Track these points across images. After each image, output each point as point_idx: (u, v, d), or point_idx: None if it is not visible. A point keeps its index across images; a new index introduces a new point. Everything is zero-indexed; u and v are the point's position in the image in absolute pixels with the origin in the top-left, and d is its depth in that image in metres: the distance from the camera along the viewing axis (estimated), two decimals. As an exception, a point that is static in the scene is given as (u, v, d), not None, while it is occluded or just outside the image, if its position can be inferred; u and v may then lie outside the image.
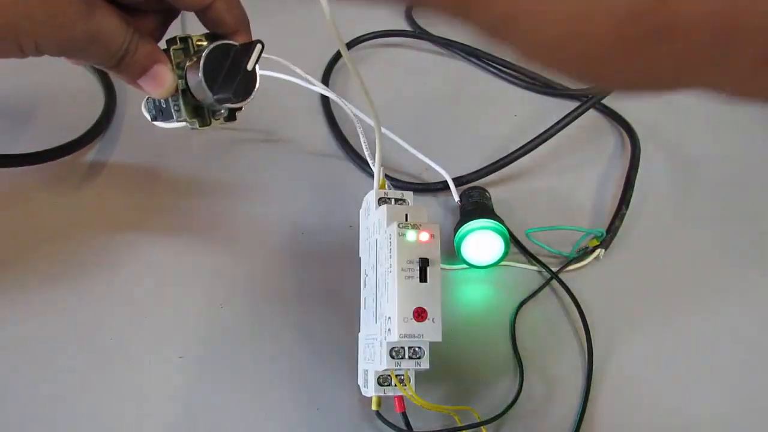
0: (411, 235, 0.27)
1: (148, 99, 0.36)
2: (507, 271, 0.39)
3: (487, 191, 0.41)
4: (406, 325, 0.25)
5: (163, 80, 0.29)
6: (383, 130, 0.44)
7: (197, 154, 0.44)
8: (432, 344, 0.31)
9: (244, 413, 0.31)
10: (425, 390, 0.29)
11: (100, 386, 0.32)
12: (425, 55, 0.58)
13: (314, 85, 0.42)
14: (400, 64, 0.57)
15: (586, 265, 0.39)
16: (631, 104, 0.52)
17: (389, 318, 0.26)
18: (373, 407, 0.30)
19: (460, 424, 0.30)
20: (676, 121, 0.52)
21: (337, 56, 0.55)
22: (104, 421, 0.30)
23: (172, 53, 0.29)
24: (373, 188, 0.32)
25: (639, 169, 0.45)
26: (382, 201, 0.30)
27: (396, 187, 0.44)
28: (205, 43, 0.29)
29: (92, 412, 0.31)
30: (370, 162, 0.39)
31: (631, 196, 0.43)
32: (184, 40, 0.29)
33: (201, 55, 0.27)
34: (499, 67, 0.56)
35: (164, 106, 0.34)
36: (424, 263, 0.26)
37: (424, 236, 0.27)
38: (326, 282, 0.37)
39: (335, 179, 0.44)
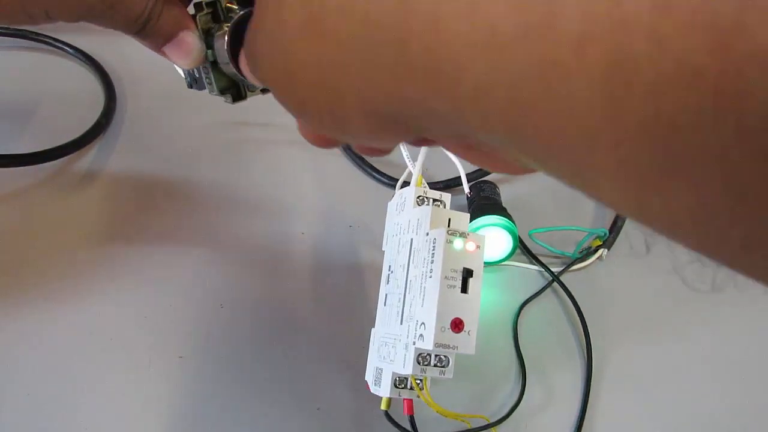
0: (458, 243, 0.26)
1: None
2: (510, 271, 0.38)
3: (497, 186, 0.41)
4: (442, 335, 0.25)
5: (189, 49, 0.26)
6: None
7: (197, 155, 0.44)
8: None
9: (245, 413, 0.31)
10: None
11: (100, 386, 0.31)
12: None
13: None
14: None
15: (589, 265, 0.39)
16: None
17: (423, 324, 0.26)
18: (382, 407, 0.29)
19: (469, 427, 0.30)
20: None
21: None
22: (104, 421, 0.30)
23: (199, 20, 0.26)
24: (392, 187, 0.31)
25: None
26: (420, 199, 0.29)
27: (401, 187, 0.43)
28: (235, 7, 0.26)
29: (92, 412, 0.30)
30: (405, 156, 0.36)
31: (633, 195, 0.43)
32: (212, 4, 0.26)
33: (228, 29, 0.25)
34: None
35: (197, 75, 0.30)
36: (467, 274, 0.26)
37: (471, 246, 0.26)
38: (327, 282, 0.37)
39: (335, 179, 0.44)
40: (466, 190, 0.41)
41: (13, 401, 0.30)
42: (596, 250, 0.39)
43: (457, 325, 0.25)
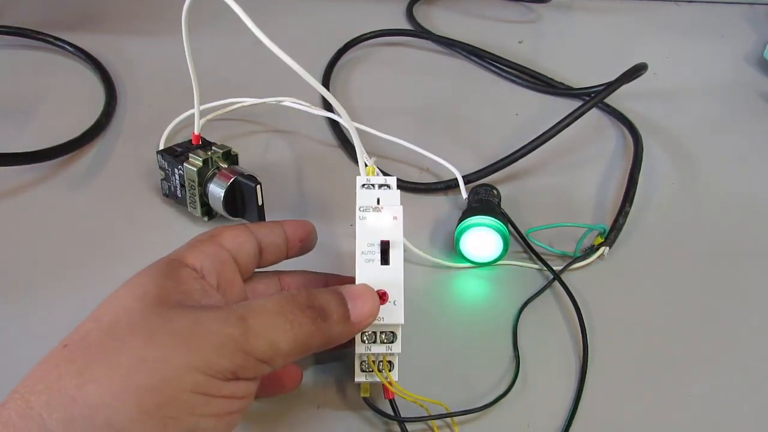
0: (372, 217, 0.26)
1: (162, 180, 0.39)
2: (511, 270, 0.38)
3: (495, 189, 0.41)
4: None
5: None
6: (384, 134, 0.44)
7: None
8: (434, 341, 0.31)
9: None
10: (424, 386, 0.29)
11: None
12: (427, 55, 0.58)
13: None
14: (402, 63, 0.57)
15: (590, 263, 0.38)
16: (633, 103, 0.52)
17: None
18: (362, 394, 0.29)
19: (429, 414, 0.29)
20: (677, 119, 0.52)
21: (338, 55, 0.55)
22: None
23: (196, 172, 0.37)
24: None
25: (642, 167, 0.45)
26: (364, 187, 0.28)
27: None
28: (220, 152, 0.38)
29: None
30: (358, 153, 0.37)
31: (634, 193, 0.42)
32: (206, 161, 0.37)
33: (222, 192, 0.37)
34: (501, 66, 0.56)
35: (179, 195, 0.39)
36: (385, 246, 0.26)
37: (387, 219, 0.26)
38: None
39: (337, 177, 0.43)
40: (464, 195, 0.41)
41: (13, 400, 0.30)
42: (597, 249, 0.38)
43: (381, 297, 0.25)
